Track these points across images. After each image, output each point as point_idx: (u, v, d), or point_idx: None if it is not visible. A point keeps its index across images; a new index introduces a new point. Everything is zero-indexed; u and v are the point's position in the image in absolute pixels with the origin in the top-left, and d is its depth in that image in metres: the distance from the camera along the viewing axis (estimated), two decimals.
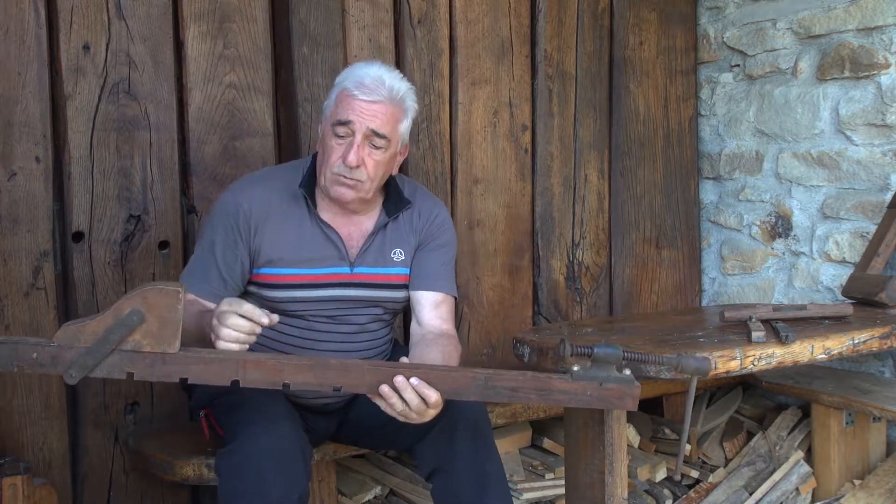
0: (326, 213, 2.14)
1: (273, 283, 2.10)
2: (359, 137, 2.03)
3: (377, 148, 2.05)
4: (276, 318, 1.79)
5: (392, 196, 2.20)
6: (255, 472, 1.82)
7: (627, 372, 1.77)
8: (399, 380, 1.73)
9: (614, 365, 1.77)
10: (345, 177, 2.04)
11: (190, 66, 2.55)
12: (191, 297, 2.02)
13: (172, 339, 1.61)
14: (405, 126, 2.12)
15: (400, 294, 2.20)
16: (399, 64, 2.87)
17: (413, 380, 1.73)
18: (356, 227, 2.16)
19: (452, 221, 2.34)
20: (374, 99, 2.03)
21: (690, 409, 1.89)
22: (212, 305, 1.98)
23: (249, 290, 2.14)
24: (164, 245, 2.52)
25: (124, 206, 2.47)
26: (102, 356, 1.59)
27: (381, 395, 1.74)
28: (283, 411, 1.98)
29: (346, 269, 2.13)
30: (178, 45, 2.54)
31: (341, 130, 2.04)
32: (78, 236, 2.42)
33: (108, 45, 2.43)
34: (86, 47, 2.40)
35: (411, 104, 2.13)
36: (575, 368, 1.77)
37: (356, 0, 2.79)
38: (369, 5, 2.82)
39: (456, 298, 2.30)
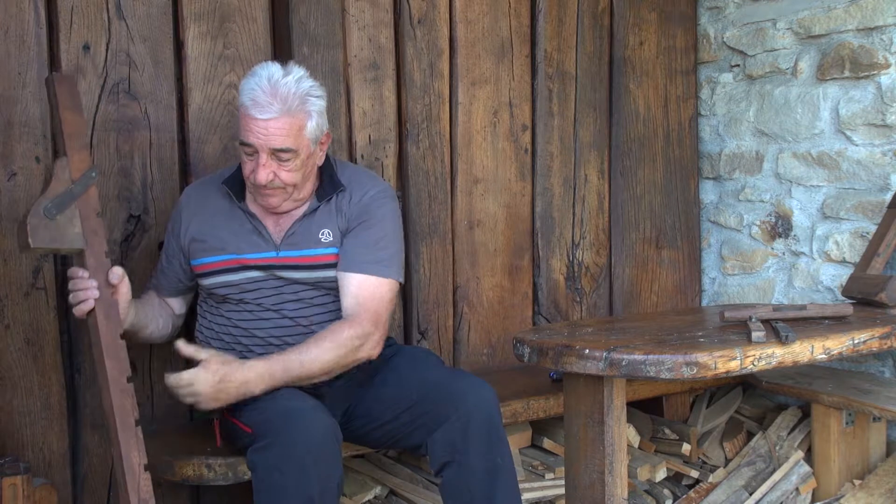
0: (254, 205, 2.20)
1: (204, 272, 2.21)
2: (263, 157, 2.05)
3: (285, 161, 2.06)
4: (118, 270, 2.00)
5: (325, 182, 2.22)
6: (296, 464, 1.84)
7: None
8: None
9: None
10: (263, 188, 2.09)
11: (190, 66, 2.54)
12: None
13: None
14: (311, 126, 2.09)
15: (333, 273, 2.19)
16: (399, 64, 2.88)
17: None
18: (285, 214, 2.20)
19: (391, 194, 2.30)
20: (269, 117, 2.01)
21: None
22: (170, 300, 2.34)
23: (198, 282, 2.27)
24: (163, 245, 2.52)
25: (124, 206, 2.47)
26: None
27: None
28: (310, 400, 2.00)
29: (272, 254, 2.17)
30: (178, 45, 2.54)
31: (246, 150, 2.07)
32: None
33: (108, 45, 2.43)
34: (86, 47, 2.40)
35: (314, 101, 2.09)
36: None
37: (356, 0, 2.79)
38: (369, 5, 2.82)
39: (399, 281, 2.26)
